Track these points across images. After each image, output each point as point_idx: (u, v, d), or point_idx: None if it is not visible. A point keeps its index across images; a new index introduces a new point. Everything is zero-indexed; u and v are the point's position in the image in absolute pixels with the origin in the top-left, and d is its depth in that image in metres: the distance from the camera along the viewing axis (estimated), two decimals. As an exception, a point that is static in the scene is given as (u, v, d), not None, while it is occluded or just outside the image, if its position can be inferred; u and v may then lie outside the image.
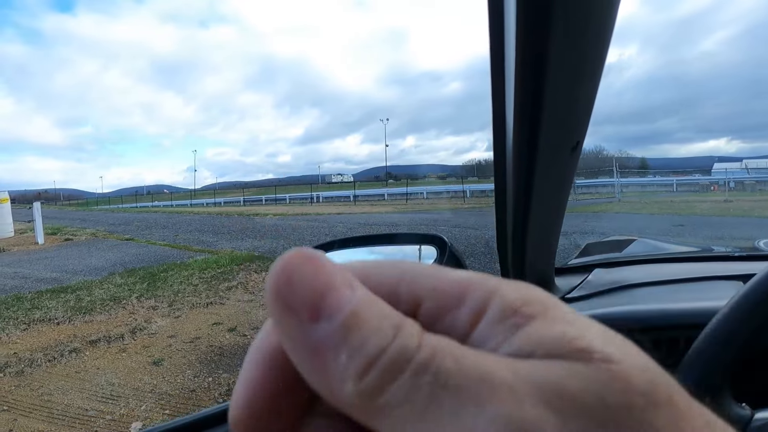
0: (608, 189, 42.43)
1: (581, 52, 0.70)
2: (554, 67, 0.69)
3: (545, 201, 0.97)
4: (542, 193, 0.93)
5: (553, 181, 0.94)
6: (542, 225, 1.05)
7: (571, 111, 0.80)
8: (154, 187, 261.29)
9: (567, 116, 0.81)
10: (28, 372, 5.08)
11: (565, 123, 0.82)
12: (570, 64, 0.71)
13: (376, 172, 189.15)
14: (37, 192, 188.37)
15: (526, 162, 0.84)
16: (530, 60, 0.68)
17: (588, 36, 0.68)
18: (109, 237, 18.25)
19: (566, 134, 0.85)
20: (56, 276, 10.30)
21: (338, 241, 1.36)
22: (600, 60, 0.73)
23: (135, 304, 7.60)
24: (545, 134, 0.79)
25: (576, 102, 0.79)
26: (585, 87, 0.77)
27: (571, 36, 0.66)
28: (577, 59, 0.71)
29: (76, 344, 5.79)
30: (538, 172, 0.86)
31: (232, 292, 8.17)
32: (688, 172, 61.94)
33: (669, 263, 1.85)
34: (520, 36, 0.65)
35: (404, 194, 48.72)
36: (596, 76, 0.76)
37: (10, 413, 4.23)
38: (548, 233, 1.12)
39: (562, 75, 0.71)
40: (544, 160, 0.84)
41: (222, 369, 5.06)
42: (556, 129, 0.81)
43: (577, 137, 0.86)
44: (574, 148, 0.87)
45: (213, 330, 6.29)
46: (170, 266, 10.58)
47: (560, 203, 1.05)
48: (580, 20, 0.65)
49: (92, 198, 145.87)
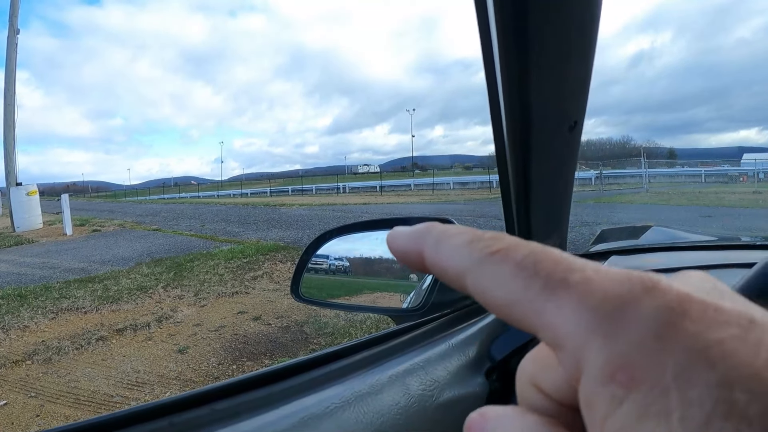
0: (636, 179, 42.23)
1: (565, 28, 0.70)
2: (536, 43, 0.69)
3: (547, 183, 0.97)
4: (543, 174, 0.93)
5: (553, 162, 0.94)
6: (548, 208, 1.05)
7: (562, 90, 0.80)
8: (182, 178, 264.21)
9: (558, 95, 0.80)
10: (55, 359, 5.15)
11: (558, 102, 0.82)
12: (556, 43, 0.71)
13: (402, 163, 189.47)
14: (65, 184, 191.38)
15: (520, 143, 0.85)
16: (512, 39, 0.68)
17: (571, 12, 0.68)
18: (137, 228, 18.42)
19: (560, 113, 0.84)
20: (84, 266, 10.42)
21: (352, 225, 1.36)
22: (588, 38, 0.72)
23: (161, 294, 7.67)
24: (537, 114, 0.79)
25: (566, 80, 0.79)
26: (575, 65, 0.76)
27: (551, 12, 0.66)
28: (563, 37, 0.71)
29: (102, 332, 5.85)
30: (534, 152, 0.87)
31: (258, 282, 8.21)
32: (716, 163, 61.32)
33: (686, 251, 1.82)
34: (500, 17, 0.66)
35: (430, 185, 48.75)
36: (587, 54, 0.75)
37: (37, 399, 4.29)
38: (556, 216, 1.11)
39: (546, 54, 0.71)
40: (540, 141, 0.85)
41: (246, 357, 5.08)
42: (549, 108, 0.81)
43: (574, 117, 0.86)
44: (572, 127, 0.87)
45: (238, 319, 6.33)
46: (196, 256, 10.66)
47: (565, 185, 1.04)
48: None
49: (120, 190, 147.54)
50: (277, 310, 6.61)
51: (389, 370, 0.80)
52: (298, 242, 11.98)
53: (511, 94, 0.75)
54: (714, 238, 2.11)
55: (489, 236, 0.26)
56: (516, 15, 0.64)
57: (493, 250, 0.25)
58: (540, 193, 0.95)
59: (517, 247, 0.25)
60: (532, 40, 0.67)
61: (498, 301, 0.24)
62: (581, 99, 0.83)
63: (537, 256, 0.24)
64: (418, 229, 0.29)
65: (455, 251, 0.26)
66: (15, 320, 6.46)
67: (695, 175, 46.39)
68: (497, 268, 0.24)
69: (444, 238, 0.27)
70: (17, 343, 5.68)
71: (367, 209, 22.64)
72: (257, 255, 10.26)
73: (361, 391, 0.72)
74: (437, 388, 0.82)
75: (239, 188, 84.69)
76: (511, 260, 0.24)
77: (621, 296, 0.21)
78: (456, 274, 0.26)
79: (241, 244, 11.99)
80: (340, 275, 1.40)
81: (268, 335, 5.66)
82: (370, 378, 0.76)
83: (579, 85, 0.80)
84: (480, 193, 36.85)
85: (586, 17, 0.68)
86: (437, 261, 0.27)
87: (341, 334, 5.45)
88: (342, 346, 0.84)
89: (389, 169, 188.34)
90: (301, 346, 5.28)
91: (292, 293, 1.37)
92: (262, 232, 14.73)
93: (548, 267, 0.23)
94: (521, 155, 0.86)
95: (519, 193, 0.94)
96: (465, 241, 0.26)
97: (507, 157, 0.89)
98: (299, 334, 5.65)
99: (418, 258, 0.28)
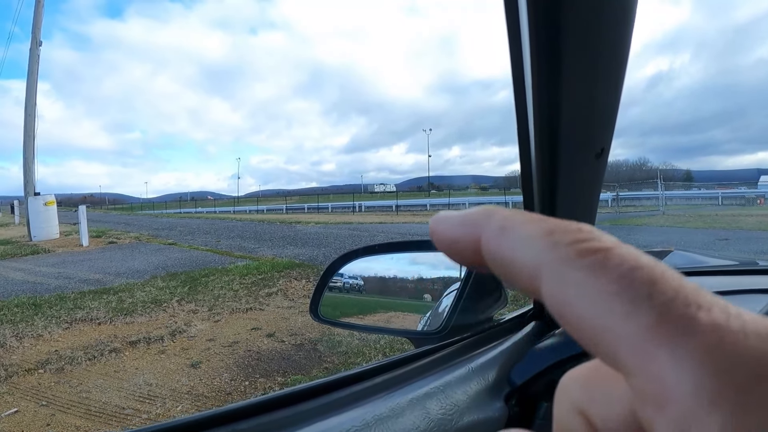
0: (652, 202, 41.98)
1: (597, 55, 0.70)
2: (570, 73, 0.69)
3: (573, 208, 0.96)
4: (569, 200, 0.92)
5: (579, 188, 0.93)
6: None
7: (592, 117, 0.80)
8: (199, 193, 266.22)
9: (588, 123, 0.80)
10: (68, 369, 5.16)
11: (587, 129, 0.81)
12: (585, 68, 0.70)
13: (419, 182, 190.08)
14: (82, 195, 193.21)
15: (549, 169, 0.84)
16: (546, 67, 0.68)
17: (603, 39, 0.68)
18: (152, 241, 18.54)
19: (589, 141, 0.84)
20: (99, 277, 10.48)
21: (373, 247, 1.35)
22: (619, 66, 0.72)
23: (175, 307, 7.69)
24: (566, 141, 0.79)
25: (596, 107, 0.78)
26: (605, 92, 0.76)
27: (587, 42, 0.66)
28: (594, 65, 0.71)
29: (116, 344, 5.87)
30: (562, 178, 0.86)
31: (272, 299, 8.21)
32: (733, 185, 61.00)
33: (707, 276, 1.80)
34: (534, 44, 0.65)
35: (446, 204, 48.72)
36: (617, 81, 0.75)
37: (48, 408, 4.30)
38: None
39: (579, 81, 0.71)
40: (567, 167, 0.84)
41: (259, 373, 5.07)
42: (578, 136, 0.80)
43: (602, 144, 0.85)
44: (599, 154, 0.86)
45: (251, 335, 6.32)
46: (211, 271, 10.70)
47: (590, 212, 1.03)
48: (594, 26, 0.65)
49: (136, 203, 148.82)
50: (291, 327, 6.59)
51: (409, 394, 0.79)
52: (313, 260, 11.99)
53: (542, 120, 0.75)
54: (734, 263, 2.08)
55: (575, 227, 0.21)
56: (550, 41, 0.64)
57: (585, 248, 0.20)
58: (565, 217, 0.94)
59: (621, 252, 0.19)
60: (565, 66, 0.67)
61: (582, 321, 0.19)
62: (609, 126, 0.83)
63: (651, 273, 0.18)
64: (473, 212, 0.24)
65: (528, 242, 0.21)
66: (29, 329, 6.50)
67: (712, 197, 46.11)
68: (589, 276, 0.19)
69: (511, 224, 0.22)
70: (30, 352, 5.71)
71: (383, 228, 22.62)
72: (272, 272, 10.29)
73: (381, 415, 0.71)
74: (457, 412, 0.82)
75: (255, 204, 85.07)
76: (613, 270, 0.19)
77: (763, 359, 0.17)
78: (526, 272, 0.21)
79: (256, 261, 12.03)
80: (355, 293, 1.39)
81: (282, 352, 5.64)
82: (390, 401, 0.76)
83: (608, 112, 0.80)
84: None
85: (617, 44, 0.68)
86: (500, 251, 0.22)
87: (355, 353, 5.42)
88: (362, 369, 0.83)
89: (405, 188, 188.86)
90: (314, 365, 5.26)
91: (311, 313, 1.36)
92: (277, 249, 14.77)
93: (667, 294, 0.18)
94: (548, 181, 0.85)
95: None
96: (542, 230, 0.21)
97: (533, 182, 0.88)
98: (313, 352, 5.63)
99: (473, 247, 0.23)
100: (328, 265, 1.35)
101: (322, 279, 1.35)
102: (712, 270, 1.89)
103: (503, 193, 58.19)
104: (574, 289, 0.19)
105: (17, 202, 33.64)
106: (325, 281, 1.35)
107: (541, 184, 0.86)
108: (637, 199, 46.88)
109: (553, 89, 0.70)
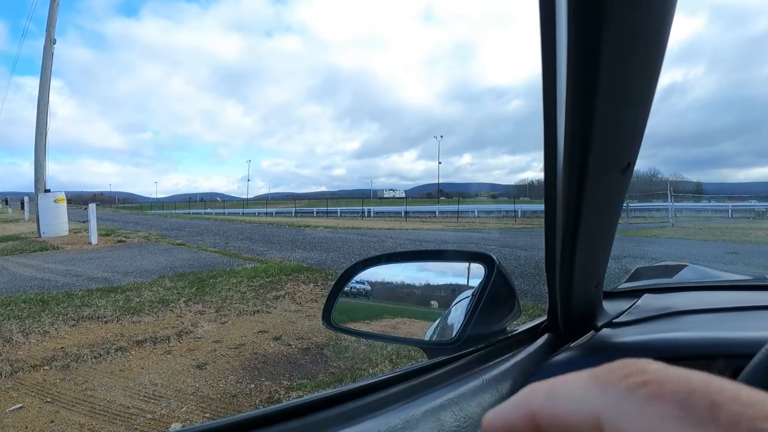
0: (662, 213, 41.97)
1: (632, 76, 0.69)
2: (604, 92, 0.68)
3: (594, 223, 0.95)
4: (591, 216, 0.92)
5: (602, 204, 0.93)
6: (591, 247, 1.03)
7: (622, 135, 0.79)
8: (208, 194, 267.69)
9: (617, 140, 0.80)
10: (73, 367, 5.18)
11: (616, 146, 0.81)
12: (620, 89, 0.70)
13: (428, 189, 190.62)
14: (92, 194, 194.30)
15: (576, 184, 0.83)
16: (581, 86, 0.68)
17: (639, 60, 0.67)
18: (161, 241, 18.63)
19: (616, 157, 0.83)
20: (107, 276, 10.53)
21: (386, 256, 1.36)
22: (651, 83, 0.72)
23: (183, 308, 7.71)
24: (595, 157, 0.78)
25: (626, 126, 0.78)
26: (636, 111, 0.76)
27: (622, 61, 0.65)
28: (627, 84, 0.70)
29: (122, 343, 5.88)
30: (587, 194, 0.85)
31: (280, 302, 8.22)
32: (743, 198, 61.01)
33: (720, 291, 1.79)
34: (572, 62, 0.65)
35: (455, 212, 48.77)
36: (648, 99, 0.75)
37: (53, 405, 4.30)
38: (597, 256, 1.09)
39: (612, 100, 0.70)
40: (593, 183, 0.84)
41: (264, 376, 5.06)
42: (607, 152, 0.80)
43: (628, 159, 0.85)
44: (625, 170, 0.86)
45: (258, 338, 6.32)
46: (219, 272, 10.73)
47: (610, 226, 1.03)
48: (630, 44, 0.64)
49: (146, 202, 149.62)
50: (298, 331, 6.59)
51: (424, 405, 0.78)
52: (321, 264, 12.02)
53: (574, 138, 0.75)
54: (748, 278, 2.07)
55: (618, 366, 0.21)
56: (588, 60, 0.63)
57: (635, 382, 0.20)
58: (586, 230, 0.93)
59: (672, 379, 0.20)
60: (602, 87, 0.67)
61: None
62: (636, 143, 0.82)
63: (711, 395, 0.19)
64: (520, 394, 0.25)
65: (579, 394, 0.21)
66: (36, 325, 6.54)
67: (722, 210, 46.15)
68: (649, 408, 0.19)
69: (557, 387, 0.23)
70: (36, 348, 5.73)
71: (392, 234, 22.66)
72: (280, 275, 10.32)
73: (396, 426, 0.70)
74: (471, 425, 0.81)
75: (264, 207, 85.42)
76: (671, 399, 0.19)
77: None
78: (588, 423, 0.21)
79: (264, 263, 12.05)
80: (364, 300, 1.39)
81: (288, 356, 5.64)
82: (404, 412, 0.75)
83: (637, 129, 0.79)
84: (504, 223, 36.79)
85: (652, 63, 0.68)
86: (556, 415, 0.22)
87: (361, 358, 5.41)
88: (376, 379, 0.82)
89: (415, 194, 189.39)
90: (320, 369, 5.25)
91: (324, 321, 1.36)
92: (286, 252, 14.82)
93: (732, 411, 0.18)
94: (574, 195, 0.85)
95: (567, 231, 0.93)
96: (588, 380, 0.21)
97: (558, 194, 0.88)
98: (319, 356, 5.62)
99: (531, 426, 0.23)
100: (342, 273, 1.35)
101: (335, 287, 1.35)
102: (725, 285, 1.87)
103: (512, 202, 58.17)
104: (636, 422, 0.19)
105: (28, 198, 33.86)
106: (338, 289, 1.35)
107: (566, 197, 0.86)
108: (647, 211, 46.81)
109: (587, 105, 0.69)
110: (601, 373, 0.21)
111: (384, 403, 0.77)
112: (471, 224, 34.25)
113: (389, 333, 1.39)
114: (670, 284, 1.87)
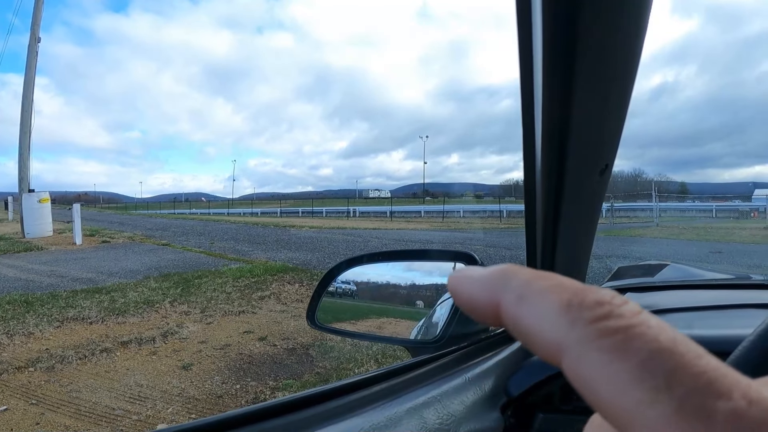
0: (646, 213, 42.16)
1: (608, 78, 0.70)
2: (581, 94, 0.69)
3: (574, 223, 0.97)
4: (571, 215, 0.93)
5: (582, 205, 0.94)
6: (572, 247, 1.05)
7: (599, 135, 0.81)
8: (194, 194, 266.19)
9: (595, 140, 0.81)
10: (58, 368, 5.15)
11: (594, 146, 0.82)
12: (597, 91, 0.71)
13: (414, 189, 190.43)
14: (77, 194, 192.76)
15: (554, 184, 0.85)
16: (558, 85, 0.68)
17: (615, 61, 0.68)
18: (146, 241, 18.52)
19: (595, 157, 0.85)
20: (92, 276, 10.46)
21: (369, 255, 1.36)
22: (628, 84, 0.73)
23: (168, 309, 7.67)
24: (573, 158, 0.80)
25: (604, 126, 0.79)
26: (613, 111, 0.77)
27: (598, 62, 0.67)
28: (604, 85, 0.71)
29: (107, 344, 5.85)
30: (566, 194, 0.87)
31: (265, 302, 8.20)
32: (727, 198, 61.48)
33: (702, 290, 1.80)
34: (547, 63, 0.66)
35: (440, 212, 48.72)
36: (624, 101, 0.76)
37: (38, 407, 4.28)
38: (578, 255, 1.11)
39: (589, 102, 0.71)
40: (572, 183, 0.85)
41: (250, 377, 5.05)
42: (585, 152, 0.81)
43: (606, 160, 0.86)
44: (603, 171, 0.88)
45: (243, 338, 6.31)
46: (204, 273, 10.69)
47: (590, 227, 1.04)
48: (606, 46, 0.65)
49: (131, 202, 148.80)
50: (284, 331, 6.58)
51: (407, 403, 0.79)
52: (306, 264, 12.00)
53: (551, 137, 0.76)
54: (730, 276, 2.09)
55: (594, 299, 0.21)
56: (564, 59, 0.64)
57: (605, 328, 0.20)
58: (566, 231, 0.95)
59: (642, 332, 0.20)
60: (578, 86, 0.68)
61: (603, 401, 0.19)
62: (614, 143, 0.84)
63: (672, 361, 0.19)
64: (491, 273, 0.24)
65: (547, 315, 0.21)
66: (20, 326, 6.49)
67: (706, 210, 46.43)
68: (611, 360, 0.19)
69: (530, 293, 0.22)
70: (21, 350, 5.69)
71: (378, 234, 22.64)
72: (265, 275, 10.29)
73: (379, 424, 0.71)
74: (454, 423, 0.82)
75: (250, 207, 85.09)
76: (634, 356, 0.19)
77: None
78: (547, 347, 0.21)
79: (249, 264, 12.01)
80: (349, 300, 1.39)
81: (274, 356, 5.63)
82: (388, 410, 0.76)
83: (614, 130, 0.81)
84: (490, 222, 36.83)
85: (628, 63, 0.69)
86: (520, 321, 0.22)
87: (347, 358, 5.42)
88: (359, 378, 0.83)
89: (400, 194, 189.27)
90: (306, 369, 5.24)
91: (308, 321, 1.36)
92: (271, 252, 14.77)
93: (686, 384, 0.18)
94: (553, 196, 0.86)
95: (546, 232, 0.94)
96: (561, 303, 0.21)
97: (537, 196, 0.89)
98: (305, 356, 5.62)
99: (492, 311, 0.23)
100: (326, 273, 1.35)
101: (319, 286, 1.35)
102: (707, 284, 1.89)
103: (497, 202, 58.26)
104: (595, 370, 0.19)
105: (11, 198, 33.52)
106: (323, 289, 1.35)
107: (545, 199, 0.87)
108: (632, 211, 46.99)
109: (564, 108, 0.70)
110: (575, 303, 0.21)
111: (367, 401, 0.78)
112: (456, 224, 34.30)
113: (374, 332, 1.40)
114: (652, 283, 1.89)
